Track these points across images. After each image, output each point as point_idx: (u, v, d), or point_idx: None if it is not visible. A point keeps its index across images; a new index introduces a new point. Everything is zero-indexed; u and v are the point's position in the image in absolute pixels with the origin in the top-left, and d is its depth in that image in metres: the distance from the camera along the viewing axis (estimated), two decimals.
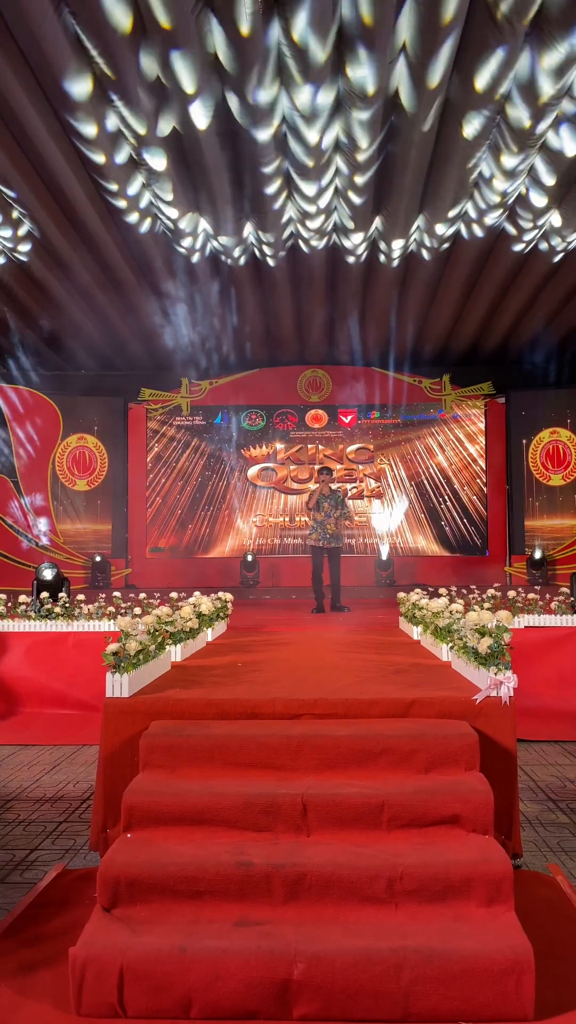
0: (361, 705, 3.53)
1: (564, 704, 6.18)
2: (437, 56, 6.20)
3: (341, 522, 8.53)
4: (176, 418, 14.20)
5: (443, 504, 14.02)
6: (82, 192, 8.26)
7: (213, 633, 5.92)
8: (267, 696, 3.60)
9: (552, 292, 11.16)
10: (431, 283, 10.91)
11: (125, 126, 7.18)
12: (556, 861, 3.51)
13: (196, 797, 2.98)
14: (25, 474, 13.47)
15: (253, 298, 11.18)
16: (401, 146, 7.47)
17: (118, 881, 2.68)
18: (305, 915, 2.62)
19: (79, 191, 8.22)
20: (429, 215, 8.89)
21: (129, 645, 3.66)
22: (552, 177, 8.06)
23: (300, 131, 7.20)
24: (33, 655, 6.52)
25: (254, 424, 14.24)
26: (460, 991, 2.37)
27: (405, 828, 2.92)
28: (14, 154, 7.54)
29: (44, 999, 2.47)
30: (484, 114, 6.94)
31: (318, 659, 4.89)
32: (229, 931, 2.54)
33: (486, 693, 3.46)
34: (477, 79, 6.49)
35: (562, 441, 13.63)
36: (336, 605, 8.50)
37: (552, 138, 7.46)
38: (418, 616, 5.49)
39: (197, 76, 6.41)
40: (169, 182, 8.09)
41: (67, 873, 3.39)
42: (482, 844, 2.85)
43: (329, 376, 14.16)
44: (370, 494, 14.16)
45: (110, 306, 11.33)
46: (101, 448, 13.86)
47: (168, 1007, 2.40)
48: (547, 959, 2.55)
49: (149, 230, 9.29)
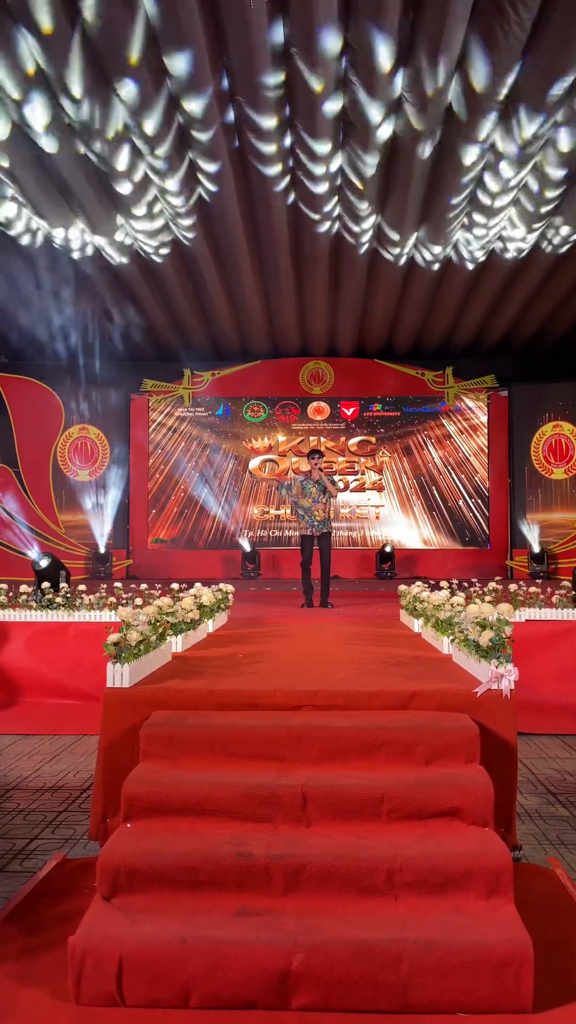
0: (362, 697, 3.52)
1: (564, 698, 6.17)
2: (437, 68, 6.19)
3: (329, 505, 7.76)
4: (178, 409, 14.18)
5: (445, 497, 14.00)
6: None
7: (214, 624, 5.91)
8: (268, 687, 3.60)
9: (556, 285, 11.13)
10: (435, 275, 10.86)
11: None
12: (555, 854, 3.51)
13: (196, 787, 2.98)
14: (27, 464, 13.46)
15: (256, 289, 11.13)
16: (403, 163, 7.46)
17: (118, 871, 2.68)
18: (304, 906, 2.62)
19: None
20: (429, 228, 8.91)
21: (130, 635, 3.65)
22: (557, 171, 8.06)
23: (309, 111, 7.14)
24: (34, 645, 6.52)
25: (256, 416, 14.22)
26: (459, 983, 2.38)
27: (405, 820, 2.92)
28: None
29: (43, 988, 2.47)
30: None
31: (319, 651, 4.88)
32: (229, 921, 2.55)
33: (487, 686, 3.45)
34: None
35: (565, 435, 13.60)
36: (324, 601, 7.94)
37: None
38: (419, 609, 5.49)
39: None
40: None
41: (67, 862, 3.40)
42: (482, 836, 2.84)
43: (331, 368, 14.12)
44: (372, 487, 14.14)
45: (113, 298, 11.31)
46: (103, 439, 13.85)
47: (167, 997, 2.40)
48: (546, 951, 2.56)
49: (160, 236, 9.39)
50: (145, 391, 14.05)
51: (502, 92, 6.73)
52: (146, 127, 7.25)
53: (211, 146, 7.73)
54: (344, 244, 9.83)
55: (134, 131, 7.36)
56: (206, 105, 7.06)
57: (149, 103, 6.94)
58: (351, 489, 14.11)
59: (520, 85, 6.70)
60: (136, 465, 14.06)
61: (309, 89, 6.80)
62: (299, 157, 8.00)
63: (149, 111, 7.04)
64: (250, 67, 6.59)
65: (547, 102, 6.84)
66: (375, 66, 6.45)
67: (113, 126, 7.24)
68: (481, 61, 6.39)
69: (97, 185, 8.44)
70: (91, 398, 13.75)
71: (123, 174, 8.09)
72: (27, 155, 7.71)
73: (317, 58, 6.39)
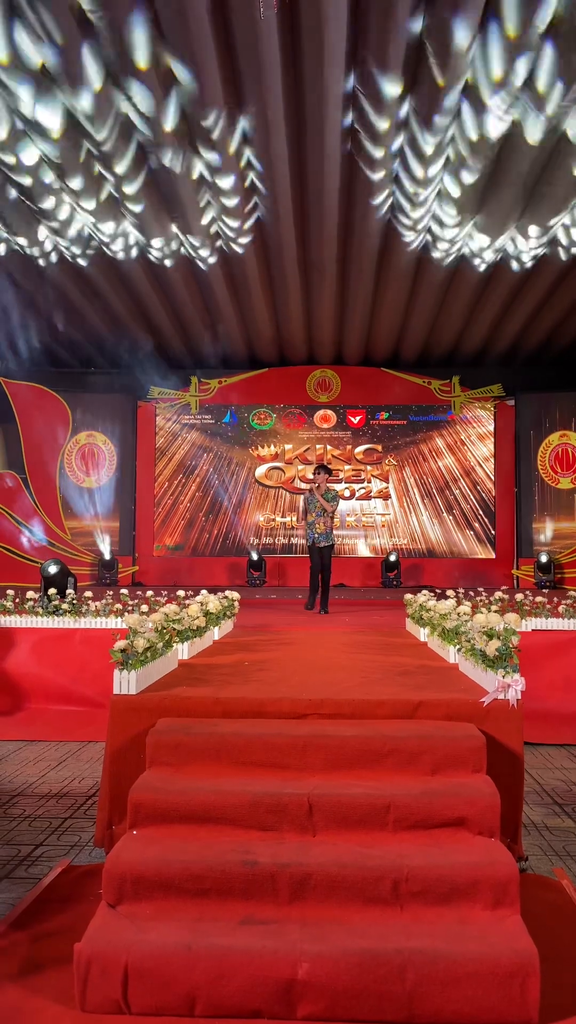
0: (368, 706, 3.53)
1: (570, 708, 6.16)
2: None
3: (331, 520, 8.37)
4: (185, 416, 14.21)
5: (451, 506, 13.99)
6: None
7: (220, 632, 5.92)
8: (274, 695, 3.60)
9: (563, 295, 11.14)
10: (442, 284, 10.89)
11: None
12: (562, 865, 3.49)
13: (202, 795, 2.98)
14: (33, 470, 13.51)
15: (264, 297, 11.17)
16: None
17: (123, 878, 2.68)
18: (310, 915, 2.62)
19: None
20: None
21: (137, 642, 3.67)
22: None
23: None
24: (40, 651, 6.54)
25: (263, 423, 14.24)
26: (465, 993, 2.37)
27: (411, 829, 2.91)
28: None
29: (48, 995, 2.47)
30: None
31: (325, 659, 4.88)
32: (234, 929, 2.54)
33: (493, 695, 3.45)
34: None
35: (571, 444, 13.58)
36: (323, 608, 8.40)
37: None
38: (425, 618, 5.49)
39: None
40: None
41: (72, 869, 3.40)
42: (488, 847, 2.84)
43: (338, 376, 14.14)
44: (378, 495, 14.14)
45: (121, 305, 11.36)
46: (110, 445, 13.89)
47: (172, 1004, 2.40)
48: (552, 963, 2.54)
49: (167, 245, 9.46)
50: (152, 398, 14.10)
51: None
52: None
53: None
54: (352, 252, 9.86)
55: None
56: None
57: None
58: (357, 497, 14.11)
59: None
60: (143, 472, 14.09)
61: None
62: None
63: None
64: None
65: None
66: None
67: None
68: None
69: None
70: (98, 405, 13.81)
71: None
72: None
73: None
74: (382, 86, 6.66)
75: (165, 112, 7.01)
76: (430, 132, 7.26)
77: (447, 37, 6.03)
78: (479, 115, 7.02)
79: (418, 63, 6.47)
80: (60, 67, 6.40)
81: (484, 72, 6.50)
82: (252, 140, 7.60)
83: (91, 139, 7.39)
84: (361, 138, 7.47)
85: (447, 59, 6.26)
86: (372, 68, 6.46)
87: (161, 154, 7.66)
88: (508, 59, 6.29)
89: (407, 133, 7.43)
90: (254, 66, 6.48)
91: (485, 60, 6.37)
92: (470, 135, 7.33)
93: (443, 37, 6.06)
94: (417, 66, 6.52)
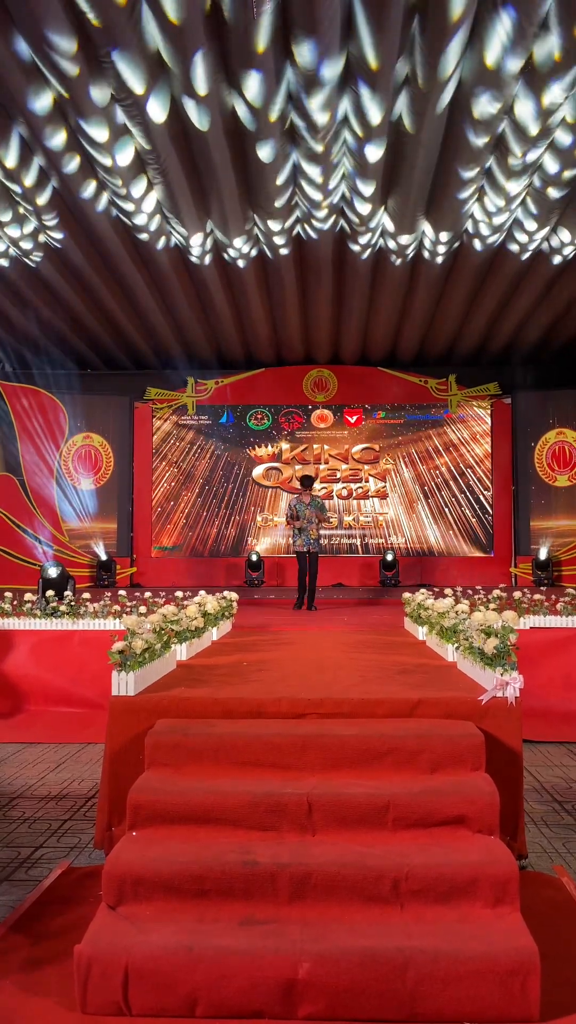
0: (367, 705, 3.53)
1: (569, 705, 6.16)
2: (448, 50, 6.17)
3: (321, 526, 9.54)
4: (182, 417, 14.21)
5: (449, 504, 14.00)
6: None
7: (218, 632, 5.92)
8: (273, 695, 3.60)
9: (560, 292, 11.13)
10: (438, 283, 10.88)
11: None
12: (562, 863, 3.50)
13: (202, 796, 2.98)
14: (30, 473, 13.50)
15: (259, 297, 11.16)
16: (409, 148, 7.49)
17: (123, 879, 2.68)
18: (310, 914, 2.62)
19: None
20: (433, 220, 8.91)
21: (135, 643, 3.66)
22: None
23: (307, 109, 7.13)
24: (38, 653, 6.53)
25: (260, 424, 14.24)
26: (466, 992, 2.37)
27: (411, 828, 2.91)
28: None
29: (49, 996, 2.47)
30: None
31: (324, 659, 4.88)
32: (235, 930, 2.54)
33: (492, 694, 3.45)
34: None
35: (568, 442, 13.59)
36: (310, 605, 9.37)
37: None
38: (424, 616, 5.49)
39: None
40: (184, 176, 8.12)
41: (72, 871, 3.40)
42: (488, 845, 2.84)
43: (335, 376, 14.14)
44: (375, 494, 14.14)
45: (117, 307, 11.34)
46: (107, 447, 13.88)
47: (173, 1005, 2.40)
48: (553, 960, 2.55)
49: (164, 246, 9.53)
50: (149, 399, 14.09)
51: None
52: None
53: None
54: (348, 251, 9.85)
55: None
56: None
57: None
58: (354, 496, 14.12)
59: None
60: (140, 473, 14.08)
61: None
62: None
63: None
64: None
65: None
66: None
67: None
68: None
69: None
70: (95, 407, 13.80)
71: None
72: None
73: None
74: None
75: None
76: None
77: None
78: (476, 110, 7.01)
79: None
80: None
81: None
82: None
83: (87, 138, 7.38)
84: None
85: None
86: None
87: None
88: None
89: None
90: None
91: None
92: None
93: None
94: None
